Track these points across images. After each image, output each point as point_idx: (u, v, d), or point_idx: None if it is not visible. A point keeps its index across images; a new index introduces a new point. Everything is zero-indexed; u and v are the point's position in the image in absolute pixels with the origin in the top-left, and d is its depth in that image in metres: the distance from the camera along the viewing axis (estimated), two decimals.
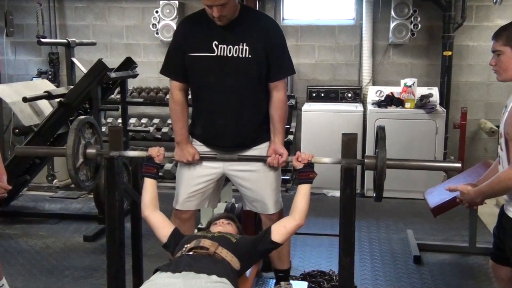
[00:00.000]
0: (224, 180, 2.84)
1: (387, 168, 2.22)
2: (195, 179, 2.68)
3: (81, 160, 2.45)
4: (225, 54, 2.50)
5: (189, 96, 2.73)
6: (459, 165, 2.34)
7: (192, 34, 2.57)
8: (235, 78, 2.54)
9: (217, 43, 2.51)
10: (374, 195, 2.33)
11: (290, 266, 3.01)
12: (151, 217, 2.41)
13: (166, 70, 2.67)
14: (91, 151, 2.47)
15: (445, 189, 2.51)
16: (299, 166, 2.38)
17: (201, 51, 2.53)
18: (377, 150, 2.26)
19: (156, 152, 2.47)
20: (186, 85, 2.66)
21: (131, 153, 2.53)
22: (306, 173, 2.38)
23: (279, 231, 2.31)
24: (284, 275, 2.92)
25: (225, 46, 2.50)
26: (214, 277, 2.03)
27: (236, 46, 2.50)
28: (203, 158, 2.63)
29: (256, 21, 2.58)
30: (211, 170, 2.67)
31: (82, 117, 2.53)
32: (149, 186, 2.47)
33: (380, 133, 2.26)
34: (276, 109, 2.61)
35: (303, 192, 2.38)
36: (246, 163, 2.64)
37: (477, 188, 2.38)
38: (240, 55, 2.50)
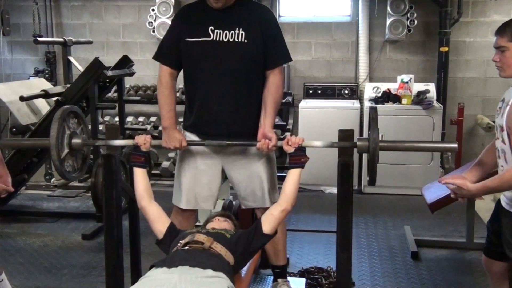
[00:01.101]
0: (223, 178, 2.83)
1: (380, 150, 2.18)
2: (197, 175, 2.69)
3: (66, 150, 2.40)
4: (220, 39, 2.54)
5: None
6: (455, 145, 2.29)
7: (189, 20, 2.61)
8: (231, 62, 2.55)
9: (213, 28, 2.54)
10: (368, 178, 2.31)
11: (287, 263, 3.01)
12: (148, 208, 2.39)
13: (158, 55, 2.72)
14: (76, 141, 2.42)
15: (442, 182, 2.44)
16: (290, 150, 2.34)
17: (197, 36, 2.56)
18: (369, 131, 2.22)
19: (143, 140, 2.42)
20: (175, 72, 2.68)
21: (117, 142, 2.47)
22: (298, 157, 2.34)
23: (267, 220, 2.29)
24: (281, 271, 2.92)
25: (221, 31, 2.54)
26: (209, 271, 2.03)
27: (232, 31, 2.53)
28: (190, 144, 2.59)
29: (252, 9, 2.63)
30: (211, 166, 2.69)
31: (66, 106, 2.47)
32: (140, 176, 2.43)
33: (372, 113, 2.23)
34: (270, 91, 2.60)
35: (292, 177, 2.34)
36: (243, 157, 2.65)
37: (481, 185, 2.30)
38: (236, 40, 2.53)
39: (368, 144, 2.20)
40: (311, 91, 5.94)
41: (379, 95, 5.65)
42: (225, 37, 2.53)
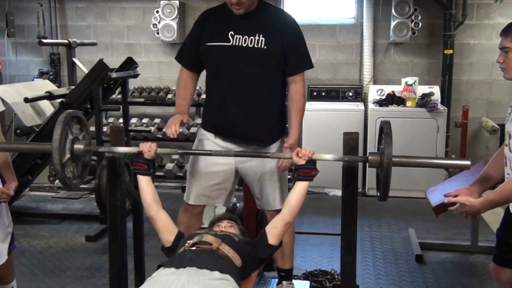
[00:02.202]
0: (237, 177, 2.86)
1: (393, 165, 2.08)
2: (209, 175, 2.73)
3: (68, 155, 2.31)
4: (240, 44, 2.56)
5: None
6: (468, 162, 2.17)
7: (210, 25, 2.65)
8: (249, 67, 2.58)
9: (233, 33, 2.57)
10: (379, 194, 2.20)
11: (292, 266, 3.01)
12: (156, 217, 2.36)
13: (179, 57, 2.80)
14: (78, 146, 2.33)
15: (446, 201, 2.32)
16: (300, 162, 2.25)
17: (217, 41, 2.60)
18: (381, 146, 2.14)
19: (148, 147, 2.33)
20: (194, 74, 2.77)
21: (121, 149, 2.41)
22: (308, 170, 2.25)
23: (272, 233, 2.29)
24: (286, 275, 2.92)
25: (240, 36, 2.57)
26: (216, 273, 2.03)
27: (252, 37, 2.55)
28: (197, 154, 2.64)
29: (274, 15, 2.65)
30: (223, 166, 2.72)
31: (70, 110, 2.40)
32: (145, 184, 2.36)
33: (386, 128, 2.13)
34: (292, 101, 2.65)
35: (299, 190, 2.28)
36: (255, 158, 2.68)
37: (484, 199, 2.20)
38: (256, 46, 2.55)
39: (380, 159, 2.12)
40: (315, 94, 5.93)
41: (383, 97, 5.64)
42: (245, 43, 2.56)
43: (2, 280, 2.83)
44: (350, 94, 5.90)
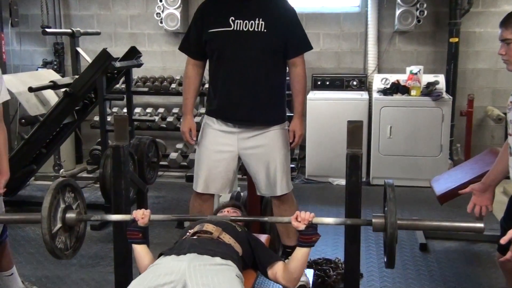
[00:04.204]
0: (239, 165, 2.92)
1: (399, 229, 1.96)
2: (214, 162, 2.81)
3: (59, 225, 2.17)
4: (241, 29, 2.68)
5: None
6: (481, 225, 2.06)
7: (211, 12, 2.77)
8: (250, 50, 2.70)
9: (233, 18, 2.68)
10: (385, 261, 2.02)
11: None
12: None
13: (182, 46, 2.92)
14: (70, 215, 2.19)
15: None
16: (300, 227, 2.10)
17: (219, 27, 2.71)
18: (385, 208, 2.01)
19: (141, 214, 2.20)
20: (199, 62, 2.87)
21: (114, 217, 2.33)
22: (308, 236, 2.11)
23: (273, 273, 2.27)
24: (292, 251, 2.96)
25: (241, 21, 2.68)
26: (218, 259, 2.03)
27: (252, 21, 2.67)
28: (190, 219, 2.69)
29: (272, 0, 2.77)
30: (227, 153, 2.81)
31: (62, 179, 2.28)
32: (142, 252, 2.24)
33: (389, 192, 2.01)
34: (294, 83, 2.85)
35: (300, 257, 2.18)
36: (257, 139, 2.78)
37: None
38: (256, 29, 2.67)
39: (385, 223, 1.98)
40: (319, 83, 5.91)
41: (388, 86, 5.62)
42: (245, 27, 2.67)
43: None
44: (355, 83, 5.88)
